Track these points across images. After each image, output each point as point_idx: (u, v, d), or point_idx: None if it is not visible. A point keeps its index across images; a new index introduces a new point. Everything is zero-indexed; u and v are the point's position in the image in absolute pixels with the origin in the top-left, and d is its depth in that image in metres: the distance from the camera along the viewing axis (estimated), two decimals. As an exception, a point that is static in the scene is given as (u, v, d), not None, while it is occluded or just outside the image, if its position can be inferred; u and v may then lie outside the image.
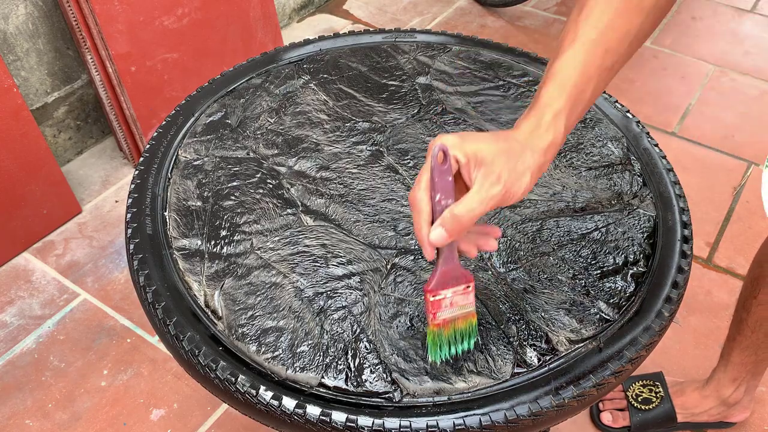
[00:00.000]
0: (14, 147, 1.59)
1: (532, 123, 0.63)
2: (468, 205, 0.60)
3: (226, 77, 1.06)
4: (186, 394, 1.42)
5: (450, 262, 0.64)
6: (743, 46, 2.42)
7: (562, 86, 0.64)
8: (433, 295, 0.64)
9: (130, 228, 0.82)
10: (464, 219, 0.60)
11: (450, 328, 0.66)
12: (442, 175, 0.60)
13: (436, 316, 0.64)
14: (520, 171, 0.61)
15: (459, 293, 0.65)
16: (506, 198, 0.61)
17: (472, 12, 2.62)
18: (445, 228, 0.60)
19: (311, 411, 0.66)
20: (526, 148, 0.62)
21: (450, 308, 0.65)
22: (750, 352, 1.17)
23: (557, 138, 0.63)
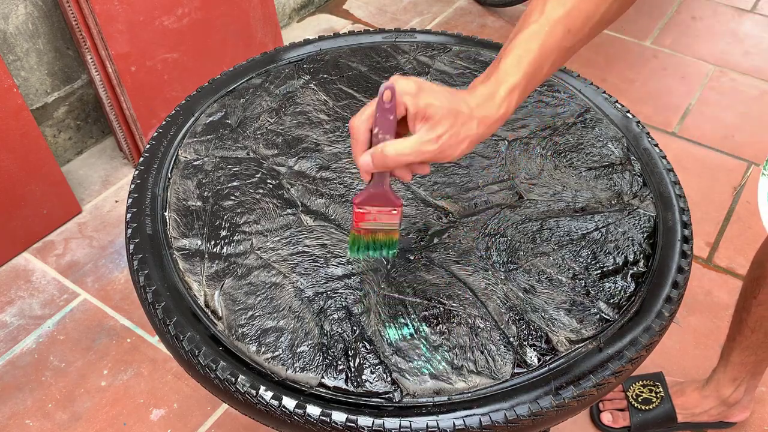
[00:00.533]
0: (14, 147, 1.59)
1: (488, 90, 0.66)
2: (399, 149, 0.63)
3: (226, 77, 1.06)
4: (186, 394, 1.42)
5: (379, 186, 0.69)
6: (743, 46, 2.42)
7: (520, 61, 0.66)
8: (358, 208, 0.71)
9: (130, 228, 0.82)
10: (390, 159, 0.64)
11: (369, 237, 0.73)
12: (384, 113, 0.64)
13: (358, 224, 0.72)
14: (461, 138, 0.64)
15: (384, 213, 0.71)
16: (438, 157, 0.64)
17: (472, 12, 2.62)
18: (372, 159, 0.65)
19: (311, 411, 0.66)
20: (474, 116, 0.64)
21: (372, 222, 0.72)
22: (750, 352, 1.17)
23: (507, 112, 0.66)
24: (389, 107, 0.64)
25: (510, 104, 0.66)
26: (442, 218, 0.84)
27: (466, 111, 0.64)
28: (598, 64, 2.33)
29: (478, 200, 0.86)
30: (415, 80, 0.65)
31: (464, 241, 0.81)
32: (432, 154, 0.64)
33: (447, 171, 0.90)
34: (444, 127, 0.63)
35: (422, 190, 0.88)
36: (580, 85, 1.05)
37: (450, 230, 0.83)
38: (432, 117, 0.63)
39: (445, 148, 0.63)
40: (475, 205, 0.86)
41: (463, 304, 0.74)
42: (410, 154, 0.63)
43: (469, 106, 0.64)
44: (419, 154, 0.63)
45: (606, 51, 2.40)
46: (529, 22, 0.67)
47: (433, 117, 0.63)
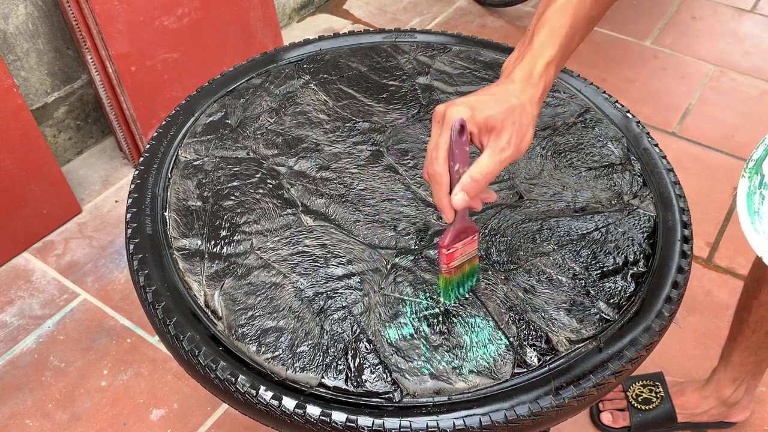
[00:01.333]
0: (14, 147, 1.59)
1: (525, 71, 0.67)
2: (483, 168, 0.65)
3: (226, 77, 1.06)
4: (186, 394, 1.42)
5: (462, 220, 0.70)
6: (743, 46, 2.42)
7: (554, 34, 0.67)
8: (447, 249, 0.70)
9: (130, 228, 0.82)
10: (482, 181, 0.65)
11: (459, 273, 0.73)
12: (461, 147, 0.65)
13: (449, 266, 0.71)
14: (525, 128, 0.66)
15: (467, 243, 0.72)
16: (516, 157, 0.66)
17: (472, 12, 2.62)
18: (465, 191, 0.66)
19: (311, 411, 0.66)
20: (524, 103, 0.66)
21: (460, 257, 0.72)
22: (750, 353, 1.17)
23: (547, 86, 0.68)
24: (465, 140, 0.65)
25: (548, 78, 0.67)
26: (442, 218, 0.84)
27: (516, 102, 0.66)
28: (598, 64, 2.33)
29: (478, 200, 0.86)
30: (464, 101, 0.67)
31: (464, 241, 0.81)
32: (511, 156, 0.66)
33: (447, 171, 0.90)
34: (509, 129, 0.65)
35: (422, 190, 0.88)
36: (580, 85, 1.05)
37: (450, 230, 0.83)
38: (494, 126, 0.65)
39: (518, 144, 0.66)
40: (475, 205, 0.86)
41: (463, 304, 0.74)
42: (495, 167, 0.65)
43: (516, 96, 0.66)
44: (501, 163, 0.65)
45: (606, 51, 2.40)
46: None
47: (495, 126, 0.65)
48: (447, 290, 0.74)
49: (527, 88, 0.67)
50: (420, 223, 0.83)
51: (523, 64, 0.67)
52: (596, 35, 2.47)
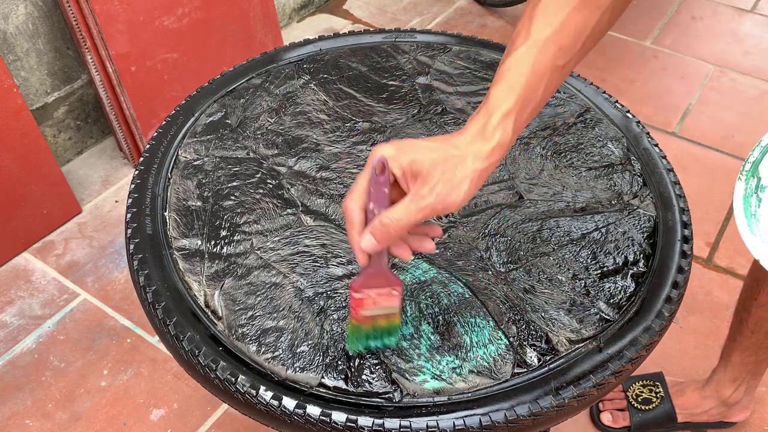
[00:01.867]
0: (14, 147, 1.59)
1: (479, 125, 0.62)
2: (395, 215, 0.60)
3: (226, 77, 1.06)
4: (186, 394, 1.42)
5: (377, 266, 0.65)
6: (743, 46, 2.42)
7: (512, 87, 0.62)
8: (356, 292, 0.66)
9: (130, 228, 0.82)
10: (391, 228, 0.61)
11: (369, 325, 0.68)
12: (378, 186, 0.62)
13: (357, 312, 0.67)
14: (457, 181, 0.60)
15: (383, 295, 0.66)
16: (439, 208, 0.61)
17: (472, 12, 2.62)
18: (374, 235, 0.62)
19: (311, 411, 0.66)
20: (466, 155, 0.61)
21: (372, 307, 0.66)
22: (750, 353, 1.17)
23: (504, 140, 0.62)
24: (383, 180, 0.62)
25: (506, 131, 0.62)
26: (442, 218, 0.84)
27: (456, 152, 0.61)
28: (598, 64, 2.33)
29: (478, 200, 0.86)
30: (395, 142, 0.63)
31: (464, 241, 0.81)
32: (431, 206, 0.60)
33: (447, 171, 0.90)
34: (435, 177, 0.60)
35: (422, 190, 0.88)
36: (580, 85, 1.05)
37: (450, 230, 0.83)
38: (420, 172, 0.61)
39: (443, 196, 0.60)
40: (475, 205, 0.86)
41: (463, 304, 0.74)
42: (407, 216, 0.60)
43: (458, 147, 0.62)
44: (418, 212, 0.60)
45: (606, 51, 2.40)
46: (517, 45, 0.64)
47: (420, 171, 0.61)
48: (352, 338, 0.69)
49: (476, 142, 0.62)
50: (420, 223, 0.83)
51: (477, 117, 0.63)
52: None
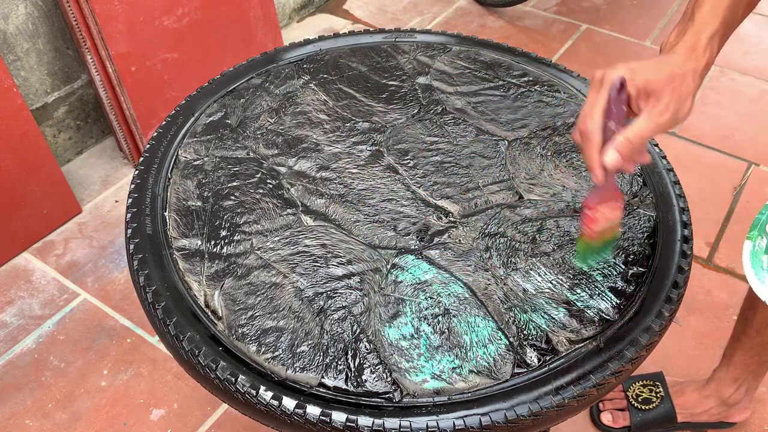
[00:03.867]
0: (14, 147, 1.59)
1: (688, 45, 0.68)
2: (640, 130, 0.65)
3: (226, 77, 1.06)
4: (186, 394, 1.42)
5: (610, 182, 0.69)
6: (743, 46, 2.42)
7: (717, 8, 0.68)
8: (592, 212, 0.70)
9: (130, 228, 0.82)
10: (637, 143, 0.65)
11: (599, 240, 0.73)
12: (619, 104, 0.66)
13: (591, 229, 0.71)
14: (684, 97, 0.66)
15: (612, 208, 0.71)
16: (673, 123, 0.66)
17: (472, 12, 2.62)
18: (619, 151, 0.66)
19: (311, 411, 0.66)
20: (687, 73, 0.66)
21: (603, 222, 0.71)
22: (753, 353, 1.17)
23: (711, 59, 0.68)
24: (623, 98, 0.66)
25: (713, 51, 0.68)
26: (442, 218, 0.84)
27: (678, 71, 0.66)
28: (598, 64, 2.33)
29: (478, 200, 0.86)
30: (624, 65, 0.67)
31: (464, 241, 0.81)
32: (669, 122, 0.66)
33: (447, 171, 0.91)
34: (668, 94, 0.65)
35: (422, 190, 0.88)
36: (580, 85, 1.05)
37: (450, 230, 0.83)
38: (653, 90, 0.65)
39: (676, 111, 0.66)
40: (475, 205, 0.86)
41: (463, 304, 0.74)
42: (651, 130, 0.65)
43: (679, 65, 0.67)
44: (658, 127, 0.65)
45: (606, 51, 2.40)
46: None
47: (654, 90, 0.65)
48: (585, 255, 0.74)
49: (690, 60, 0.67)
50: (420, 223, 0.84)
51: (686, 38, 0.68)
52: (596, 35, 2.47)
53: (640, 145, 0.66)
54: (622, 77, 0.66)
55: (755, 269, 0.71)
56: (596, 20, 2.55)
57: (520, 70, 1.07)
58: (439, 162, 0.92)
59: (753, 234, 0.74)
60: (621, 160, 0.66)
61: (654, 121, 0.65)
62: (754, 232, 0.75)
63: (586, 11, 2.60)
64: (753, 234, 0.74)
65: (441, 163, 0.92)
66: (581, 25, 2.52)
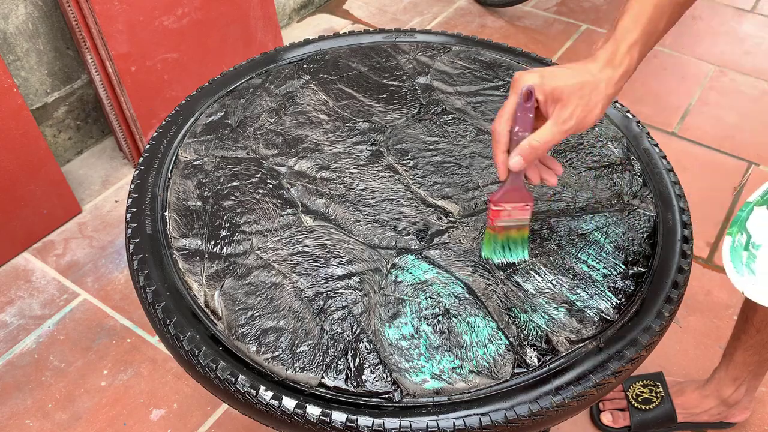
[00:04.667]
0: (14, 147, 1.59)
1: (608, 53, 0.70)
2: (543, 137, 0.69)
3: (226, 77, 1.06)
4: (186, 394, 1.42)
5: (516, 182, 0.74)
6: (743, 46, 2.42)
7: (637, 18, 0.70)
8: (495, 205, 0.75)
9: (130, 228, 0.82)
10: (539, 149, 0.70)
11: (503, 235, 0.77)
12: (525, 112, 0.70)
13: (493, 221, 0.76)
14: (593, 104, 0.69)
15: (518, 209, 0.76)
16: (578, 129, 0.70)
17: (472, 12, 2.62)
18: (522, 156, 0.70)
19: (311, 411, 0.66)
20: (600, 81, 0.69)
21: (507, 219, 0.76)
22: (754, 352, 1.17)
23: (630, 68, 0.71)
24: (529, 106, 0.70)
25: (632, 60, 0.70)
26: (442, 218, 0.84)
27: (590, 79, 0.69)
28: (598, 64, 2.33)
29: (478, 200, 0.86)
30: (537, 71, 0.71)
31: (464, 241, 0.81)
32: (572, 129, 0.69)
33: (447, 171, 0.91)
34: (574, 102, 0.68)
35: (422, 190, 0.88)
36: (580, 85, 1.05)
37: (450, 230, 0.83)
38: (560, 98, 0.68)
39: (581, 119, 0.69)
40: (475, 205, 0.86)
41: (463, 304, 0.74)
42: (553, 137, 0.69)
43: (592, 73, 0.69)
44: (561, 134, 0.69)
45: (606, 51, 2.40)
46: None
47: (561, 97, 0.68)
48: (488, 245, 0.77)
49: (607, 68, 0.70)
50: (420, 223, 0.84)
51: (606, 46, 0.71)
52: (596, 35, 2.47)
53: (542, 150, 0.70)
54: (529, 86, 0.69)
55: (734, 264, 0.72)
56: (596, 20, 2.55)
57: (520, 70, 1.07)
58: (439, 162, 0.92)
59: (733, 230, 0.75)
60: (523, 163, 0.71)
61: (557, 129, 0.69)
62: (734, 228, 0.76)
63: (586, 11, 2.60)
64: (733, 230, 0.75)
65: (441, 163, 0.92)
66: (581, 25, 2.52)
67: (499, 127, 0.71)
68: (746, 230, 0.75)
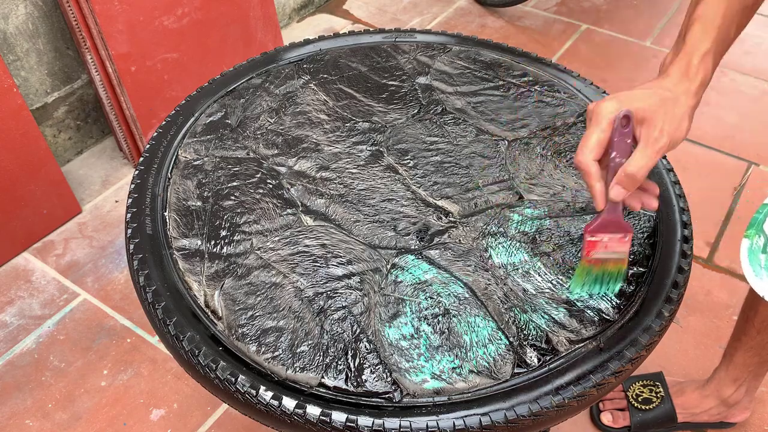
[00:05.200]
0: (14, 147, 1.59)
1: (681, 66, 0.69)
2: (639, 162, 0.67)
3: (226, 77, 1.06)
4: (186, 394, 1.42)
5: (613, 213, 0.71)
6: (743, 46, 2.42)
7: (707, 28, 0.69)
8: (591, 236, 0.72)
9: (130, 228, 0.82)
10: (638, 175, 0.67)
11: (599, 268, 0.74)
12: (622, 137, 0.68)
13: (589, 253, 0.73)
14: (679, 118, 0.68)
15: (615, 240, 0.72)
16: (671, 146, 0.68)
17: (472, 12, 2.62)
18: (622, 185, 0.68)
19: (311, 411, 0.66)
20: (679, 94, 0.68)
21: (604, 251, 0.73)
22: (754, 353, 1.17)
23: (706, 78, 0.70)
24: (627, 131, 0.68)
25: (707, 70, 0.69)
26: (442, 218, 0.84)
27: (669, 95, 0.68)
28: (598, 64, 2.33)
29: (478, 200, 0.86)
30: (612, 97, 0.69)
31: (464, 241, 0.81)
32: (666, 146, 0.67)
33: (447, 171, 0.91)
34: (660, 119, 0.67)
35: (422, 190, 0.88)
36: (580, 85, 1.05)
37: (450, 230, 0.83)
38: (645, 118, 0.67)
39: (671, 135, 0.67)
40: (475, 205, 0.86)
41: (463, 304, 0.74)
42: (649, 160, 0.67)
43: (669, 89, 0.69)
44: (656, 155, 0.67)
45: (606, 51, 2.40)
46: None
47: (646, 117, 0.67)
48: (580, 279, 0.74)
49: (682, 82, 0.69)
50: (420, 223, 0.84)
51: (678, 59, 0.70)
52: (596, 35, 2.47)
53: (641, 175, 0.67)
54: (627, 111, 0.67)
55: (753, 267, 0.72)
56: (596, 20, 2.55)
57: (520, 70, 1.07)
58: (439, 162, 0.92)
59: (750, 232, 0.75)
60: (625, 192, 0.69)
61: (651, 150, 0.67)
62: (751, 231, 0.75)
63: (586, 11, 2.60)
64: (750, 232, 0.75)
65: (441, 163, 0.92)
66: (581, 25, 2.52)
67: (584, 158, 0.69)
68: (764, 232, 0.74)
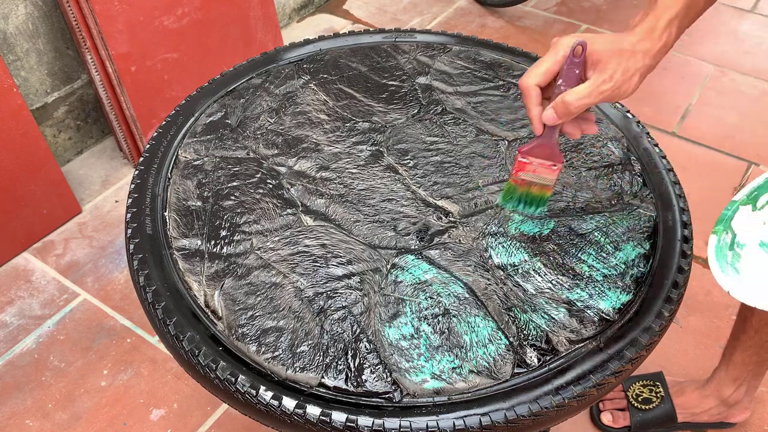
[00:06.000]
0: (14, 147, 1.59)
1: (648, 26, 0.70)
2: (578, 94, 0.69)
3: (226, 77, 1.06)
4: (186, 394, 1.42)
5: (548, 140, 0.73)
6: (743, 46, 2.42)
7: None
8: (522, 157, 0.75)
9: (130, 228, 0.82)
10: (572, 106, 0.69)
11: (524, 188, 0.77)
12: (572, 67, 0.70)
13: (517, 173, 0.76)
14: (631, 72, 0.69)
15: (545, 166, 0.75)
16: (615, 95, 0.70)
17: (472, 12, 2.62)
18: (555, 111, 0.71)
19: (311, 411, 0.66)
20: (638, 51, 0.69)
21: (533, 174, 0.76)
22: (753, 352, 1.17)
23: (668, 42, 0.71)
24: (578, 62, 0.69)
25: (670, 34, 0.71)
26: (442, 218, 0.84)
27: (628, 47, 0.69)
28: (598, 64, 2.33)
29: (478, 200, 0.86)
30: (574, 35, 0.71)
31: (464, 241, 0.81)
32: (609, 91, 0.69)
33: (447, 171, 0.91)
34: (613, 65, 0.68)
35: (422, 190, 0.88)
36: (580, 85, 1.05)
37: (450, 230, 0.83)
38: (600, 60, 0.69)
39: (619, 84, 0.69)
40: (475, 205, 0.86)
41: (463, 304, 0.74)
42: (588, 97, 0.69)
43: (631, 43, 0.70)
44: (597, 95, 0.69)
45: (606, 51, 2.40)
46: None
47: (601, 59, 0.69)
48: (506, 196, 0.78)
49: (645, 41, 0.70)
50: (420, 223, 0.84)
51: (646, 20, 0.71)
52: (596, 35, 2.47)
53: (576, 107, 0.69)
54: (582, 41, 0.69)
55: (720, 263, 0.72)
56: (596, 20, 2.55)
57: (520, 70, 1.07)
58: (439, 162, 0.92)
59: (718, 228, 0.75)
60: (555, 119, 0.71)
61: (594, 89, 0.69)
62: (719, 227, 0.75)
63: (586, 11, 2.60)
64: (718, 228, 0.75)
65: (441, 163, 0.92)
66: (581, 25, 2.52)
67: (528, 82, 0.71)
68: (731, 229, 0.74)
